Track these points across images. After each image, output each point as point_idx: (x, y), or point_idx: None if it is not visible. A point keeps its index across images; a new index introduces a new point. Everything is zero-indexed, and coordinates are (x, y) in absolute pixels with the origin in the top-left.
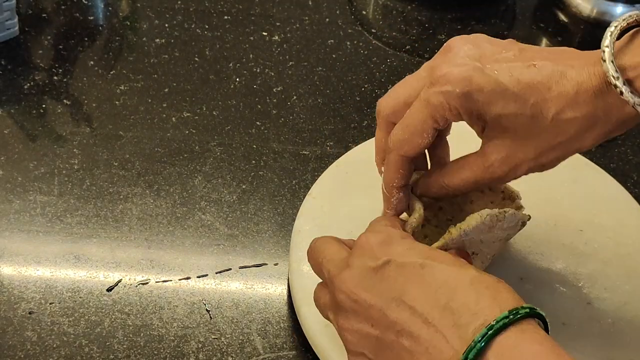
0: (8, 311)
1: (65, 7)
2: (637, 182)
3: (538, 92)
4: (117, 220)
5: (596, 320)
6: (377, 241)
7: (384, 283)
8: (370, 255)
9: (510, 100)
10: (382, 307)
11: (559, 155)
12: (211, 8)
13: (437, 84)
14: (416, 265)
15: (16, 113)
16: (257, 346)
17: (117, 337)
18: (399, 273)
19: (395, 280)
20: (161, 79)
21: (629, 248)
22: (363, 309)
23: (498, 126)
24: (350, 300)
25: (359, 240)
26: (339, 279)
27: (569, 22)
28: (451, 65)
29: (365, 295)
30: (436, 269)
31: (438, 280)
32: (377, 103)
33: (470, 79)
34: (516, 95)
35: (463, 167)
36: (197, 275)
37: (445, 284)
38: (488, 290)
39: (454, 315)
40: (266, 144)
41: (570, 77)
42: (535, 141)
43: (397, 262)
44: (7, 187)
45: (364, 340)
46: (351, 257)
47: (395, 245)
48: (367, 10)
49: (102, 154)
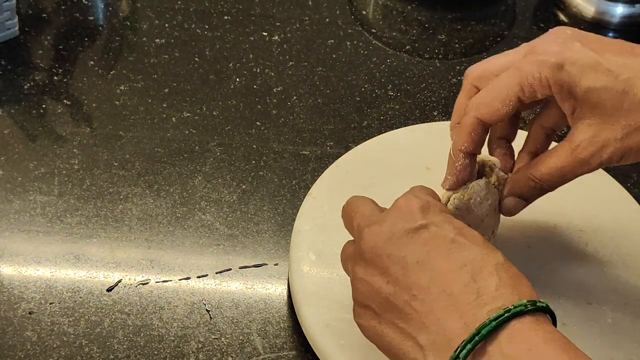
0: (8, 311)
1: (65, 7)
2: (637, 182)
3: (631, 69)
4: (117, 220)
5: (596, 320)
6: (417, 205)
7: (412, 246)
8: (406, 217)
9: (602, 74)
10: (404, 267)
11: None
12: (211, 8)
13: (533, 53)
14: (447, 238)
15: (16, 113)
16: (257, 346)
17: (117, 337)
18: (431, 241)
19: (425, 246)
20: (161, 79)
21: (629, 248)
22: (384, 263)
23: (588, 102)
24: (374, 253)
25: (398, 201)
26: (368, 231)
27: (569, 22)
28: (551, 42)
29: (392, 250)
30: (465, 247)
31: (465, 259)
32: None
33: (565, 51)
34: (608, 70)
35: (550, 155)
36: (197, 276)
37: (471, 263)
38: (510, 279)
39: (473, 294)
40: (266, 144)
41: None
42: (623, 119)
43: (432, 230)
44: (7, 187)
45: (374, 294)
46: (386, 214)
47: (433, 214)
48: (367, 10)
49: (102, 154)
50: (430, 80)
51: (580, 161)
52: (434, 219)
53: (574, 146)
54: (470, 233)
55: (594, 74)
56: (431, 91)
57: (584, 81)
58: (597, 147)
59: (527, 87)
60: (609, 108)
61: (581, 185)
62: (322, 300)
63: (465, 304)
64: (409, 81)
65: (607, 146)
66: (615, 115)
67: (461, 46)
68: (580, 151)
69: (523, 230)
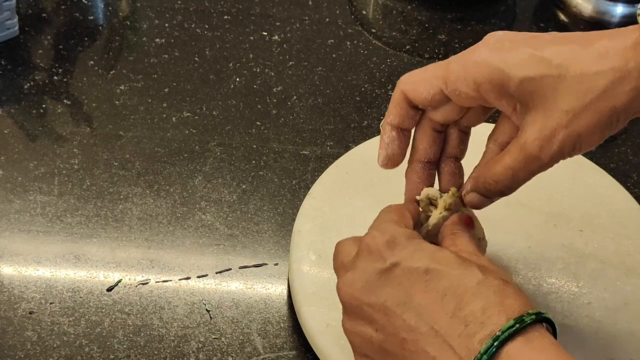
0: (8, 311)
1: (65, 7)
2: (637, 182)
3: (564, 54)
4: (117, 220)
5: (596, 320)
6: (382, 242)
7: (389, 287)
8: (376, 257)
9: (534, 62)
10: (387, 312)
11: (593, 119)
12: (211, 8)
13: (460, 54)
14: (420, 270)
15: (16, 113)
16: (257, 346)
17: (117, 337)
18: (405, 278)
19: (401, 285)
20: (161, 79)
21: (629, 248)
22: (366, 313)
23: (524, 94)
24: (354, 305)
25: (365, 240)
26: (342, 283)
27: (569, 22)
28: (480, 45)
29: (370, 299)
30: (442, 274)
31: (444, 287)
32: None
33: (493, 51)
34: (541, 57)
35: (502, 155)
36: (197, 275)
37: (451, 290)
38: (495, 296)
39: (461, 325)
40: (266, 144)
41: (600, 42)
42: (564, 102)
43: (403, 266)
44: (7, 187)
45: (368, 344)
46: (357, 258)
47: (401, 248)
48: (367, 10)
49: (102, 154)
50: None
51: (531, 157)
52: (403, 253)
53: (521, 142)
54: (443, 256)
55: (527, 65)
56: None
57: (517, 72)
58: (545, 139)
59: (450, 83)
60: (548, 96)
61: (581, 185)
62: (322, 300)
63: (456, 336)
64: None
65: (555, 136)
66: (556, 102)
67: (461, 46)
68: (528, 147)
69: (523, 230)
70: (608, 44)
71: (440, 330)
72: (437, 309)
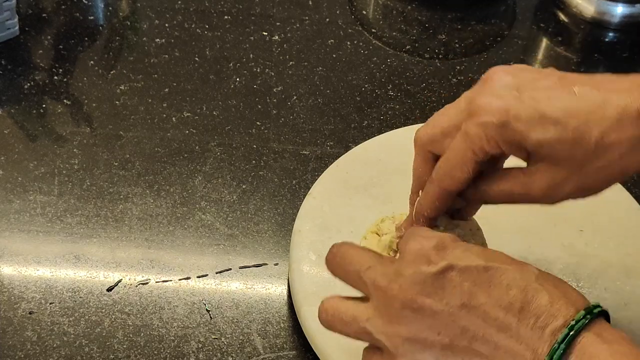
0: (8, 311)
1: (65, 7)
2: (637, 182)
3: (579, 116)
4: (117, 220)
5: None
6: (430, 246)
7: (448, 289)
8: (425, 261)
9: (550, 125)
10: (450, 314)
11: (604, 178)
12: (211, 8)
13: (475, 115)
14: (480, 268)
15: (16, 113)
16: (257, 346)
17: (117, 337)
18: (464, 278)
19: (460, 285)
20: (161, 79)
21: (629, 248)
22: (427, 316)
23: (540, 154)
24: (411, 309)
25: (409, 247)
26: (393, 288)
27: (569, 22)
28: (489, 96)
29: (430, 302)
30: (501, 270)
31: (506, 282)
32: (415, 132)
33: (507, 108)
34: (556, 120)
35: (504, 177)
36: (197, 275)
37: (514, 285)
38: (557, 289)
39: (531, 318)
40: (266, 144)
41: (613, 101)
42: (578, 168)
43: (459, 266)
44: (7, 187)
45: (426, 351)
46: (401, 264)
47: (451, 249)
48: (367, 10)
49: (102, 154)
50: (430, 80)
51: (531, 197)
52: (454, 254)
53: (528, 184)
54: (494, 254)
55: (541, 127)
56: (431, 91)
57: (533, 134)
58: (551, 189)
59: (478, 150)
60: (563, 158)
61: None
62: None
63: (527, 330)
64: (409, 81)
65: (563, 187)
66: (570, 162)
67: (461, 46)
68: (533, 190)
69: (523, 230)
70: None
71: (510, 325)
72: (503, 304)
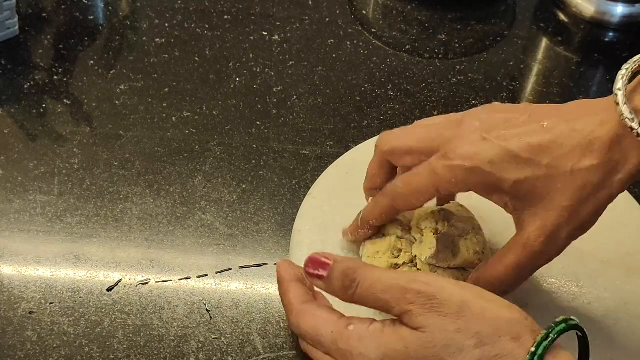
0: (8, 311)
1: (65, 7)
2: (637, 182)
3: (550, 151)
4: (117, 220)
5: (596, 321)
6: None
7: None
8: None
9: (523, 165)
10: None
11: (593, 209)
12: (211, 8)
13: (445, 157)
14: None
15: (16, 113)
16: (257, 346)
17: (117, 337)
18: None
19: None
20: (161, 79)
21: (629, 248)
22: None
23: (519, 194)
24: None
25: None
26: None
27: (569, 22)
28: (460, 140)
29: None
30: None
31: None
32: (379, 136)
33: (477, 153)
34: (528, 159)
35: (505, 252)
36: (197, 275)
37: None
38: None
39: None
40: (266, 144)
41: (581, 129)
42: (562, 199)
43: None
44: (7, 186)
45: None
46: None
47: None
48: (367, 10)
49: (102, 154)
50: (430, 80)
51: (537, 254)
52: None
53: (524, 240)
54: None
55: (515, 168)
56: (431, 91)
57: (508, 176)
58: (548, 236)
59: (442, 189)
60: (544, 195)
61: None
62: None
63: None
64: (409, 81)
65: (559, 231)
66: (553, 200)
67: (461, 46)
68: (532, 244)
69: None
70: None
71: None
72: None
